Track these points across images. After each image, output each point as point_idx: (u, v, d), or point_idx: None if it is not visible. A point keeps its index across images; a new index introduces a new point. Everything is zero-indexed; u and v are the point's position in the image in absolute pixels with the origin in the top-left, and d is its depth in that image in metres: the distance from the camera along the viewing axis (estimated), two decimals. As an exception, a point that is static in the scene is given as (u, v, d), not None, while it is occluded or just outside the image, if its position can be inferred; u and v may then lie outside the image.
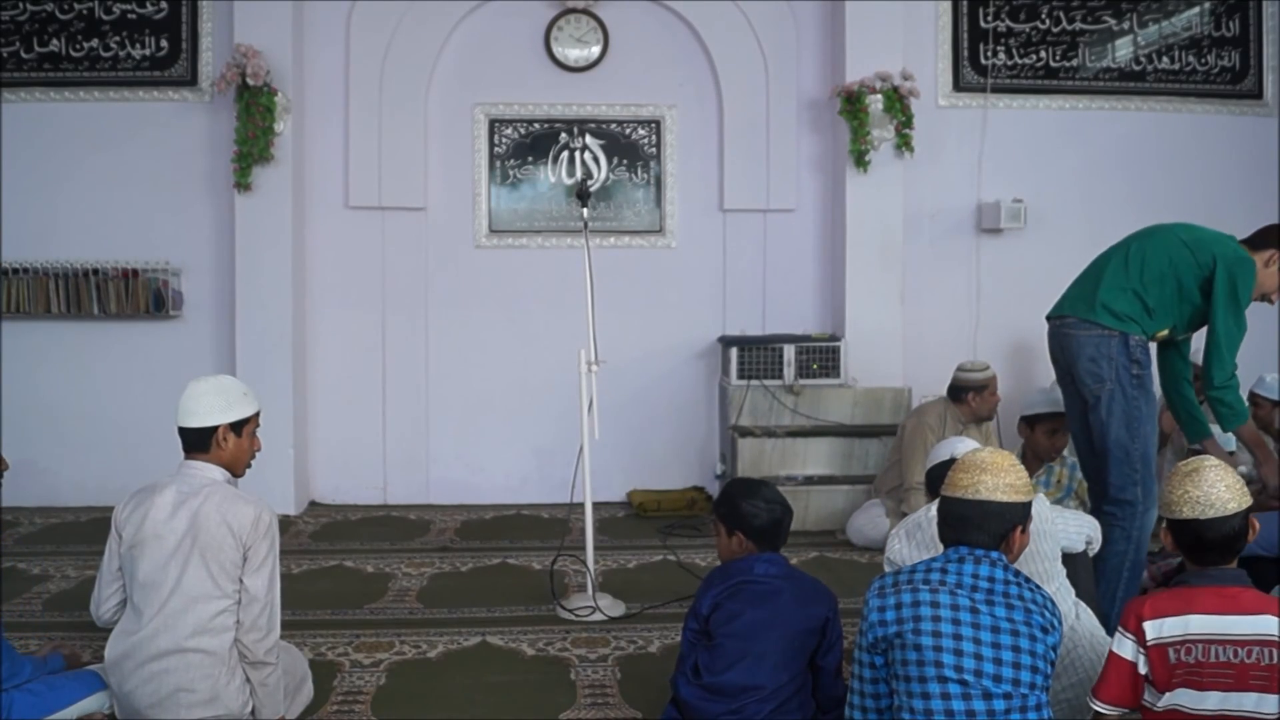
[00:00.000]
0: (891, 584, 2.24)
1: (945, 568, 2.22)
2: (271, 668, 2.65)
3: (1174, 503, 2.18)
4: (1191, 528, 2.15)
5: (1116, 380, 3.43)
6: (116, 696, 2.66)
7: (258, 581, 2.61)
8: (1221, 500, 2.13)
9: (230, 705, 2.59)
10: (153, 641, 2.56)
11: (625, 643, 3.61)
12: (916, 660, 2.13)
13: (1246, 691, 2.03)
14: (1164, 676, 2.08)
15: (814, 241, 6.14)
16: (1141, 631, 2.10)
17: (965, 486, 2.23)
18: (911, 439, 4.80)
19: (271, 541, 2.65)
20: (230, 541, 2.58)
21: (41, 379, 5.78)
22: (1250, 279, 3.37)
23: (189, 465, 2.69)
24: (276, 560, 2.68)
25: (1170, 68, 6.25)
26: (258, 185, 5.56)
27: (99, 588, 2.76)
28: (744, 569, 2.74)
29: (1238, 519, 2.13)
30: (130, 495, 2.71)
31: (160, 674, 2.55)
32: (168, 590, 2.56)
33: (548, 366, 5.77)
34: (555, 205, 6.05)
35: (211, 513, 2.58)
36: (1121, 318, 3.43)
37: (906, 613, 2.17)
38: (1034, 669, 2.12)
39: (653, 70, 6.05)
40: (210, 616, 2.56)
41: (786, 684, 2.57)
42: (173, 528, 2.58)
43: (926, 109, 5.92)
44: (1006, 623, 2.13)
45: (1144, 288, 3.43)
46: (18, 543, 5.01)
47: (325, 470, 5.94)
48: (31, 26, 5.77)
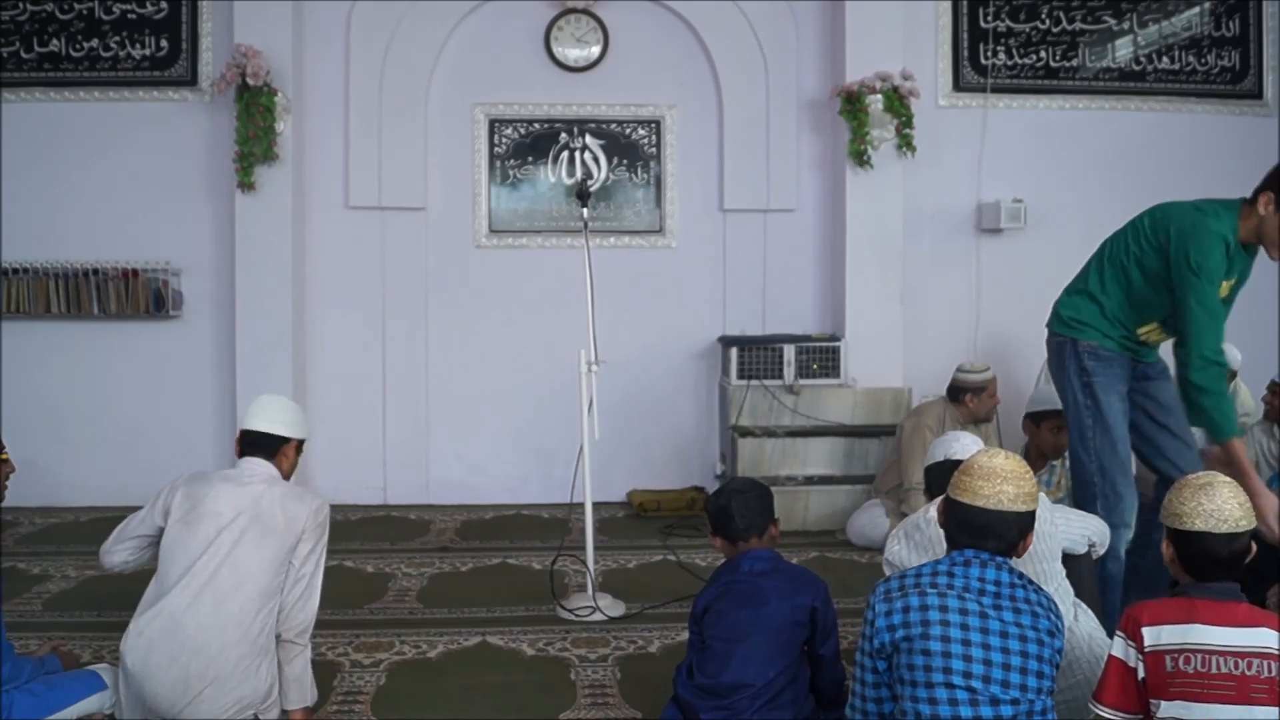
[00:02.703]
0: (898, 588, 2.22)
1: (952, 571, 2.19)
2: (301, 649, 2.74)
3: (1185, 514, 2.13)
4: (1201, 541, 2.11)
5: (1070, 389, 3.34)
6: (135, 674, 2.60)
7: (307, 564, 2.74)
8: (1232, 516, 2.10)
9: (257, 688, 2.63)
10: (193, 612, 2.58)
11: (625, 643, 3.62)
12: (924, 665, 2.11)
13: (1248, 705, 2.02)
14: (1160, 684, 2.07)
15: (814, 241, 6.14)
16: (1140, 637, 2.09)
17: (988, 496, 2.18)
18: (910, 439, 4.80)
19: (324, 531, 2.81)
20: (286, 528, 2.71)
21: (41, 379, 5.78)
22: (1208, 244, 3.02)
23: (248, 461, 2.83)
24: (324, 550, 2.81)
25: (1170, 68, 6.25)
26: (258, 185, 5.56)
27: (116, 537, 2.82)
28: (733, 568, 2.76)
29: (1246, 538, 2.11)
30: (183, 478, 2.81)
31: (195, 650, 2.56)
32: (217, 565, 2.62)
33: (548, 366, 5.77)
34: (555, 205, 6.05)
35: (276, 499, 2.73)
36: (1069, 323, 3.36)
37: (914, 617, 2.14)
38: (1040, 674, 2.11)
39: (653, 70, 6.05)
40: (256, 597, 2.63)
41: (777, 678, 2.58)
42: (234, 505, 2.69)
43: (926, 109, 5.92)
44: (1014, 627, 2.12)
45: (1101, 286, 3.30)
46: (18, 543, 5.01)
47: (325, 470, 5.93)
48: (31, 26, 5.77)
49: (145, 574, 2.86)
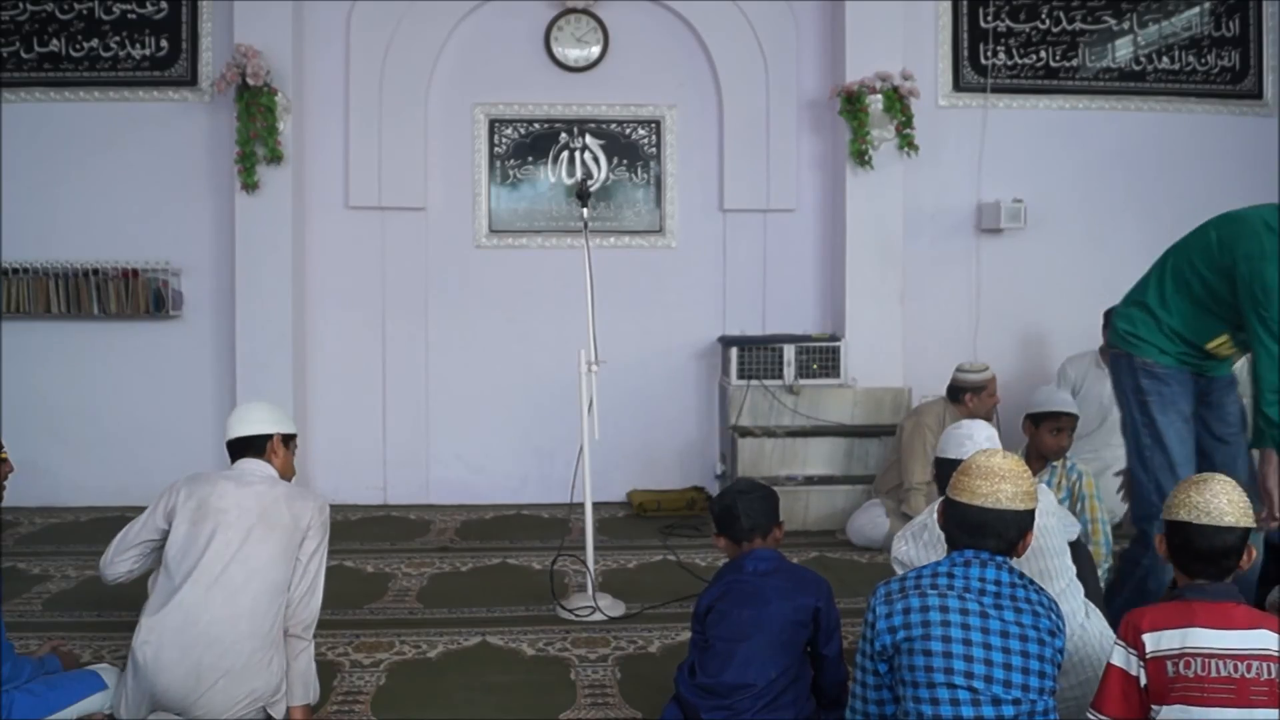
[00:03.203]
0: (898, 590, 2.22)
1: (952, 572, 2.20)
2: (306, 644, 2.77)
3: (1174, 505, 2.18)
4: (1183, 531, 2.14)
5: (1126, 406, 3.18)
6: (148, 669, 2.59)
7: (314, 561, 2.79)
8: (1219, 510, 2.11)
9: (269, 681, 2.66)
10: (205, 608, 2.60)
11: (625, 643, 3.61)
12: (925, 666, 2.11)
13: (1248, 708, 2.01)
14: (1161, 689, 2.07)
15: (814, 241, 6.14)
16: (1141, 644, 2.09)
17: (985, 495, 2.20)
18: (910, 440, 4.81)
19: (326, 529, 2.86)
20: (292, 523, 2.74)
21: (41, 379, 5.78)
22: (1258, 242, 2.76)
23: (246, 462, 2.85)
24: (326, 547, 2.85)
25: (1170, 68, 6.25)
26: (259, 185, 5.56)
27: (117, 548, 2.82)
28: (736, 567, 2.76)
29: (1232, 535, 2.11)
30: (185, 479, 2.82)
31: (209, 644, 2.57)
32: (227, 561, 2.64)
33: (548, 366, 5.76)
34: (555, 205, 6.05)
35: (280, 496, 2.77)
36: (1125, 337, 3.17)
37: (915, 618, 2.15)
38: (1041, 674, 2.11)
39: (653, 70, 6.05)
40: (266, 591, 2.66)
41: (778, 678, 2.58)
42: (239, 503, 2.72)
43: (926, 109, 5.92)
44: (1015, 627, 2.12)
45: (1161, 300, 3.06)
46: (18, 543, 5.01)
47: (325, 470, 5.94)
48: (31, 26, 5.77)
49: (146, 575, 2.87)
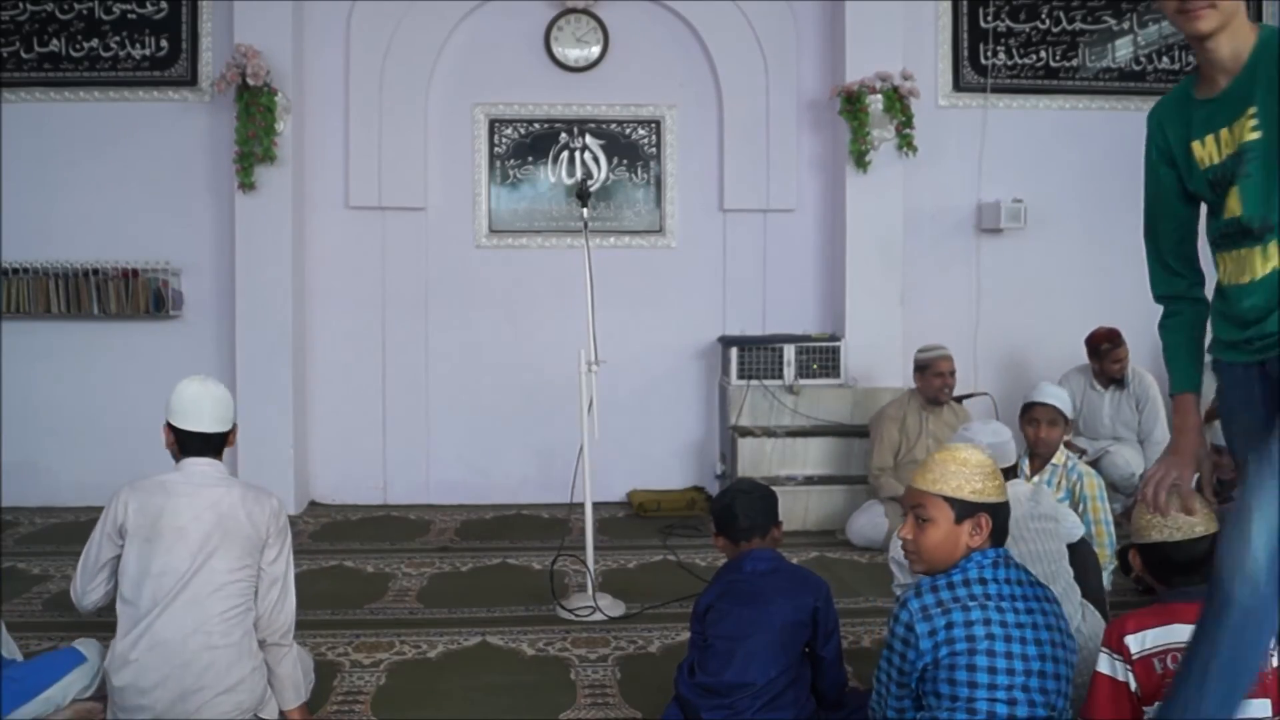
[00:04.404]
0: (934, 604, 2.16)
1: (983, 577, 2.18)
2: (287, 650, 2.74)
3: (1142, 528, 2.22)
4: (1159, 550, 2.19)
5: None
6: (128, 691, 2.56)
7: (277, 566, 2.72)
8: (1189, 523, 2.16)
9: (252, 693, 2.63)
10: (175, 628, 2.54)
11: (625, 643, 3.61)
12: (968, 682, 2.09)
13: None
14: (1151, 688, 2.08)
15: (814, 241, 6.14)
16: (1125, 648, 2.11)
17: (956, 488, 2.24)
18: (874, 426, 5.08)
19: (287, 533, 2.78)
20: (252, 531, 2.67)
21: (41, 379, 5.78)
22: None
23: (196, 463, 2.73)
24: (290, 551, 2.78)
25: (1170, 68, 6.25)
26: (258, 185, 5.55)
27: (82, 578, 2.71)
28: (735, 567, 2.76)
29: (1205, 542, 2.14)
30: (129, 489, 2.70)
31: (185, 664, 2.53)
32: (189, 577, 2.57)
33: (548, 366, 5.76)
34: (555, 205, 6.05)
35: (236, 504, 2.68)
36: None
37: (958, 632, 2.11)
38: (1067, 678, 2.15)
39: (653, 70, 6.05)
40: (233, 603, 2.61)
41: (778, 678, 2.58)
42: (197, 517, 2.62)
43: (926, 109, 5.92)
44: (1046, 632, 2.14)
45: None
46: (18, 543, 5.01)
47: (325, 470, 5.94)
48: (31, 26, 5.77)
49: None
